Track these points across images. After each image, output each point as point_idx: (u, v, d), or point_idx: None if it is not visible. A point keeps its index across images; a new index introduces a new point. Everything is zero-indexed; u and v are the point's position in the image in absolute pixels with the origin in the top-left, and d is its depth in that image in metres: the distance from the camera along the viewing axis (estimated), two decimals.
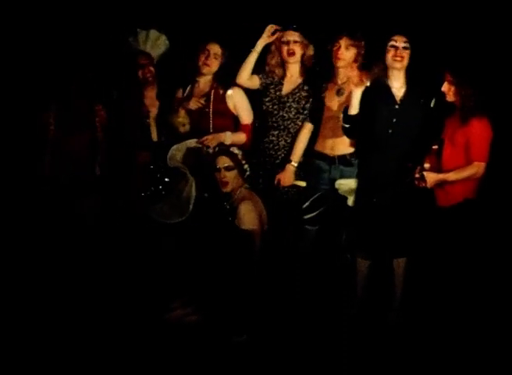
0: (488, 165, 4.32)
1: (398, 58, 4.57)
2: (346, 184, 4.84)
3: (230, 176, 4.74)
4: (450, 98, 4.39)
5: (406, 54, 4.58)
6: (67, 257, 5.17)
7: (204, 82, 5.14)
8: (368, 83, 4.65)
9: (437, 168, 4.40)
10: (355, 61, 4.80)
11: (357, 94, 4.60)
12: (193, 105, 5.08)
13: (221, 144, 4.93)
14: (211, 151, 4.94)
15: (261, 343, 4.37)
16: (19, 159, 5.36)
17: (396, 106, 4.64)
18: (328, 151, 4.86)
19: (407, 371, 4.11)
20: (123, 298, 4.83)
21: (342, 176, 4.85)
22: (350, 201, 4.85)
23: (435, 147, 4.48)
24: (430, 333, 4.36)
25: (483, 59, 4.52)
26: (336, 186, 4.88)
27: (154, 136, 5.31)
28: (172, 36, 5.51)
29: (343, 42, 4.76)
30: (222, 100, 5.09)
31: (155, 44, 5.46)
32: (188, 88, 5.20)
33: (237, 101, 5.09)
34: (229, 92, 5.07)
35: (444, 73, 4.37)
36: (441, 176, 4.34)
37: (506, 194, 4.57)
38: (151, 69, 5.35)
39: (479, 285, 4.35)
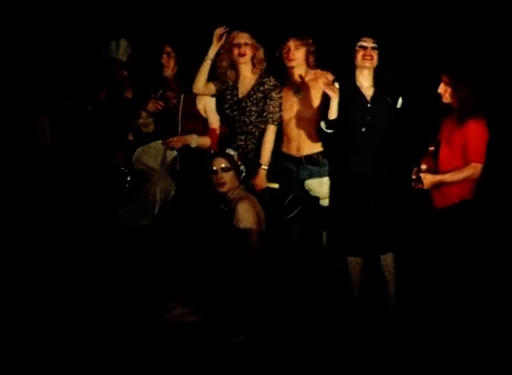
0: (485, 166, 4.34)
1: (368, 58, 4.64)
2: (316, 184, 4.87)
3: (227, 178, 4.74)
4: (447, 99, 4.40)
5: (375, 54, 4.64)
6: (67, 257, 5.19)
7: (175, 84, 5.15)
8: (337, 85, 4.67)
9: (434, 169, 4.41)
10: (306, 59, 4.87)
11: (336, 100, 4.60)
12: (152, 107, 5.14)
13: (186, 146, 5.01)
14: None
15: (260, 343, 4.37)
16: (19, 160, 5.40)
17: (369, 105, 4.70)
18: (294, 153, 4.91)
19: (408, 371, 4.12)
20: (122, 298, 4.83)
21: (310, 176, 4.89)
22: (324, 201, 4.88)
23: (431, 148, 4.48)
24: (428, 333, 4.37)
25: (480, 60, 4.53)
26: (306, 187, 4.91)
27: (131, 136, 5.36)
28: (143, 42, 5.59)
29: (292, 43, 4.82)
30: (191, 103, 5.11)
31: (126, 51, 5.56)
32: (160, 91, 5.22)
33: (207, 104, 5.12)
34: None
35: (440, 75, 4.38)
36: (438, 177, 4.35)
37: (503, 195, 4.57)
38: (124, 73, 5.50)
39: (477, 286, 4.35)
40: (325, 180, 4.86)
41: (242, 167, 4.82)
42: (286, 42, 4.84)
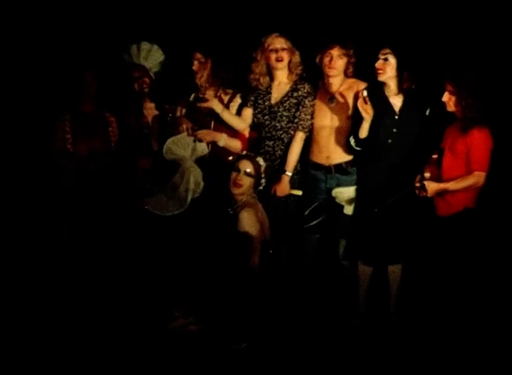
0: (489, 174, 4.34)
1: (379, 71, 4.63)
2: (344, 193, 4.87)
3: (246, 182, 4.75)
4: (451, 108, 4.41)
5: (385, 65, 4.62)
6: (69, 261, 5.18)
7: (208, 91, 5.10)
8: (365, 93, 4.63)
9: (437, 177, 4.41)
10: (346, 69, 4.86)
11: (368, 119, 4.61)
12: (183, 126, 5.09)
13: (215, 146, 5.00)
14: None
15: (262, 351, 4.36)
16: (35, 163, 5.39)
17: (396, 117, 4.68)
18: (323, 161, 4.89)
19: None
20: (125, 306, 4.84)
21: (339, 185, 4.88)
22: (349, 210, 4.88)
23: (435, 156, 4.49)
24: (430, 340, 4.38)
25: (484, 69, 4.53)
26: (333, 194, 4.91)
27: (155, 146, 5.32)
28: (169, 46, 5.55)
29: (335, 52, 4.80)
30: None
31: (149, 55, 5.46)
32: (193, 95, 5.19)
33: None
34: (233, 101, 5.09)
35: (445, 83, 4.40)
36: (442, 185, 4.36)
37: (506, 204, 4.58)
38: (146, 80, 5.40)
39: (480, 294, 4.35)
40: (353, 189, 4.86)
41: (263, 180, 4.83)
42: (329, 49, 4.81)
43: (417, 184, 4.41)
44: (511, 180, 4.57)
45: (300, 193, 4.97)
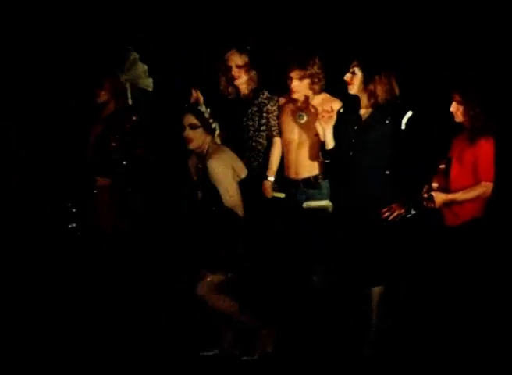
0: (496, 184, 4.32)
1: (348, 85, 4.55)
2: (314, 206, 4.84)
3: (194, 135, 4.71)
4: (459, 118, 4.40)
5: (352, 78, 4.53)
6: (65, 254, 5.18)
7: None
8: (341, 110, 4.64)
9: (445, 187, 4.40)
10: (311, 88, 4.78)
11: (329, 130, 4.56)
12: None
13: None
14: None
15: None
16: None
17: (355, 127, 4.60)
18: (292, 176, 4.88)
19: None
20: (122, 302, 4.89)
21: (308, 199, 4.85)
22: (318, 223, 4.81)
23: (442, 166, 4.48)
24: (433, 348, 4.41)
25: (492, 79, 4.53)
26: (304, 207, 4.86)
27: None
28: None
29: (295, 75, 4.72)
30: None
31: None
32: None
33: None
34: None
35: (452, 94, 4.39)
36: (450, 196, 4.35)
37: None
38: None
39: (486, 303, 4.34)
40: (324, 203, 4.82)
41: (214, 125, 4.76)
42: (288, 72, 4.73)
43: (425, 195, 4.40)
44: None
45: (282, 195, 4.94)
